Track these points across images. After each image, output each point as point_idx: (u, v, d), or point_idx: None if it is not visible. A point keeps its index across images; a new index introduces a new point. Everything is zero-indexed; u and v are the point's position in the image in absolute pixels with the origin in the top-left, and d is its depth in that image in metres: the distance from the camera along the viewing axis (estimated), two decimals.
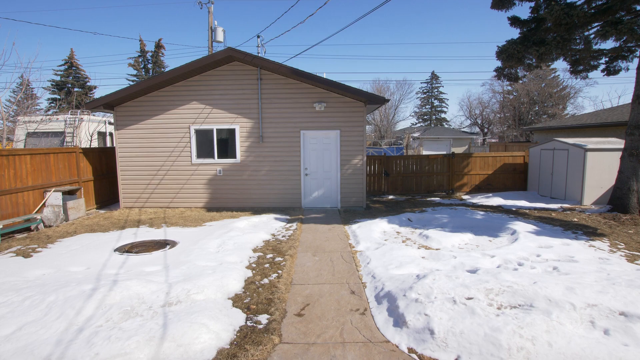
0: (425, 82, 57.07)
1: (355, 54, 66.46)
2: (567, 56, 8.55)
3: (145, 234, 7.50)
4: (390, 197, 12.66)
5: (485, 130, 49.38)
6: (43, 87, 40.79)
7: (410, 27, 75.52)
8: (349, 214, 9.41)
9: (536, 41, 8.56)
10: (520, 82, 37.91)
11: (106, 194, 11.42)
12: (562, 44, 7.79)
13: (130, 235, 7.34)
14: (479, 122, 50.47)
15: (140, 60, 40.47)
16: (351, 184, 10.15)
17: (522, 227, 7.15)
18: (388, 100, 9.73)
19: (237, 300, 4.10)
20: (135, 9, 67.02)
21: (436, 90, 57.50)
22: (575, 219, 8.53)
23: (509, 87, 43.74)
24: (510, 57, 8.50)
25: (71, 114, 12.31)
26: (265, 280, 4.75)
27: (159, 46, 40.58)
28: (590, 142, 11.04)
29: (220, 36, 18.19)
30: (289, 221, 8.57)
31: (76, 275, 4.74)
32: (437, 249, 6.09)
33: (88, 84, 39.09)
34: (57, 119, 12.33)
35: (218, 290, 4.15)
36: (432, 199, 12.13)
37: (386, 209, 10.22)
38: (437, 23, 72.29)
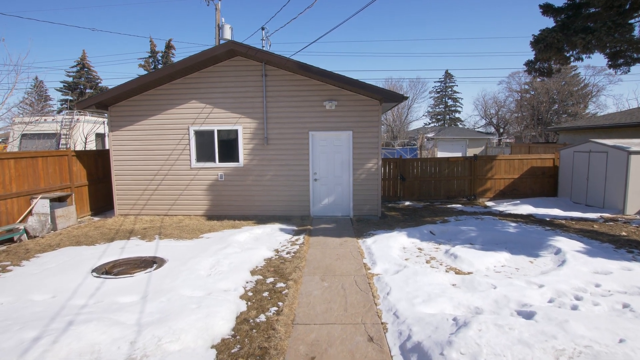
0: (438, 81, 55.64)
1: (367, 51, 65.27)
2: (617, 45, 7.44)
3: (135, 248, 6.69)
4: (407, 203, 11.65)
5: (501, 130, 47.70)
6: (55, 89, 40.98)
7: (424, 23, 73.94)
8: (363, 224, 8.45)
9: (578, 29, 7.48)
10: (542, 79, 36.26)
11: (102, 199, 10.70)
12: (613, 30, 6.69)
13: (117, 250, 6.53)
14: (495, 121, 48.81)
15: (150, 60, 40.16)
16: (365, 191, 9.19)
17: (566, 245, 6.09)
18: (406, 98, 8.76)
19: (222, 350, 3.21)
20: (145, 8, 67.23)
21: (450, 89, 55.98)
22: (624, 233, 7.41)
23: (526, 86, 42.12)
24: (548, 47, 7.43)
25: (67, 115, 11.66)
26: (262, 317, 3.85)
27: (169, 46, 40.22)
28: (632, 143, 9.85)
29: (227, 33, 17.43)
30: (295, 233, 7.67)
31: (35, 308, 3.92)
32: (469, 273, 5.11)
33: (100, 84, 39.06)
34: (53, 119, 11.69)
35: (199, 336, 3.26)
36: (453, 205, 11.08)
37: (403, 218, 9.23)
38: (452, 20, 70.55)
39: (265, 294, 4.50)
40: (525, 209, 10.07)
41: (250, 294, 4.51)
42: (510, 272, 5.16)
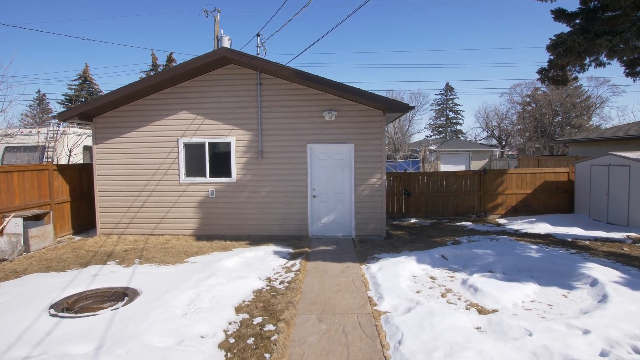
0: (439, 94, 55.40)
1: (367, 62, 65.28)
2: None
3: (109, 275, 5.91)
4: (413, 220, 10.86)
5: (503, 142, 47.11)
6: (57, 101, 40.80)
7: (424, 35, 74.22)
8: (366, 245, 7.67)
9: (600, 32, 6.83)
10: (545, 91, 35.73)
11: (86, 217, 9.93)
12: None
13: (87, 278, 5.75)
14: (496, 134, 48.27)
15: (151, 73, 39.98)
16: (368, 208, 8.42)
17: (601, 274, 5.29)
18: (412, 108, 8.09)
19: None
20: (146, 21, 67.86)
21: (451, 102, 55.69)
22: None
23: (528, 99, 41.65)
24: (568, 51, 6.77)
25: (54, 126, 11.02)
26: None
27: (170, 60, 40.06)
28: None
29: (226, 45, 16.97)
30: (291, 256, 6.88)
31: None
32: (494, 311, 4.31)
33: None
34: (38, 132, 11.04)
35: None
36: (463, 223, 10.28)
37: (410, 238, 8.45)
38: (453, 33, 70.84)
39: (250, 340, 3.71)
40: (543, 227, 9.27)
41: (231, 340, 3.71)
42: (543, 310, 4.35)
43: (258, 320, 4.18)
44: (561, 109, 37.96)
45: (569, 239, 8.18)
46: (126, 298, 4.88)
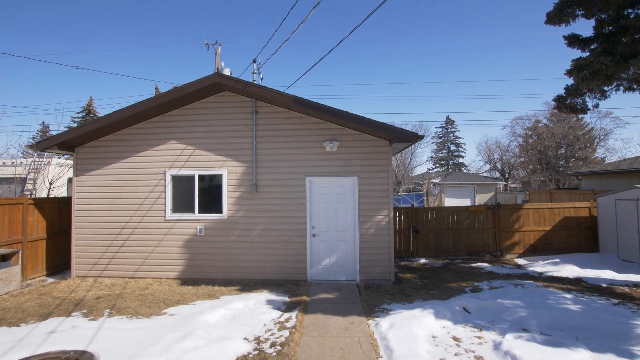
0: (440, 127, 55.59)
1: (369, 94, 66.13)
2: None
3: (68, 332, 4.94)
4: (423, 260, 9.88)
5: (507, 175, 46.49)
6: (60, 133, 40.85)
7: (426, 67, 75.81)
8: (373, 292, 6.69)
9: (626, 54, 6.26)
10: (543, 123, 35.50)
11: (63, 256, 8.99)
12: None
13: (41, 337, 4.78)
14: (499, 166, 47.76)
15: None
16: (374, 249, 7.51)
17: None
18: (421, 137, 7.41)
19: None
20: (150, 54, 69.85)
21: (452, 134, 55.74)
22: None
23: (529, 131, 41.48)
24: (595, 74, 6.16)
25: (38, 157, 10.36)
26: None
27: None
28: None
29: None
30: (286, 308, 5.91)
31: None
32: None
33: None
34: (21, 162, 10.37)
35: None
36: (479, 265, 9.30)
37: (422, 283, 7.47)
38: (452, 65, 72.44)
39: None
40: (569, 270, 8.28)
41: None
42: None
43: None
44: (564, 141, 37.64)
45: (604, 285, 7.19)
46: None
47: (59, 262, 8.92)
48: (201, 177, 7.95)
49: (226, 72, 14.79)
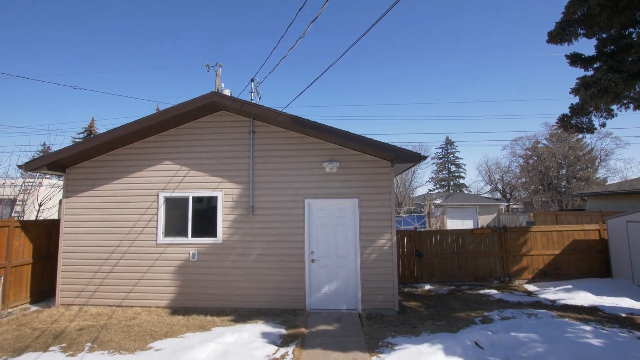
0: (440, 147, 55.67)
1: (364, 114, 66.59)
2: None
3: None
4: (427, 287, 9.40)
5: (508, 196, 46.13)
6: None
7: (426, 88, 76.70)
8: (376, 324, 6.23)
9: (633, 72, 6.07)
10: (543, 144, 35.46)
11: (50, 281, 8.52)
12: None
13: None
14: (500, 187, 47.47)
15: None
16: (376, 275, 7.09)
17: None
18: (425, 158, 7.14)
19: None
20: (152, 75, 70.93)
21: (452, 155, 55.77)
22: None
23: (529, 152, 41.45)
24: (604, 91, 5.95)
25: (29, 178, 10.07)
26: None
27: None
28: None
29: None
30: (283, 342, 5.45)
31: None
32: None
33: None
34: (12, 183, 10.07)
35: None
36: (487, 291, 8.82)
37: (428, 312, 7.00)
38: (451, 86, 73.36)
39: None
40: (584, 297, 7.82)
41: None
42: None
43: None
44: (565, 161, 37.52)
45: (623, 314, 6.73)
46: None
47: (44, 288, 8.46)
48: (196, 199, 7.63)
49: (226, 92, 14.74)
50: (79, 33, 70.01)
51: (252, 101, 9.65)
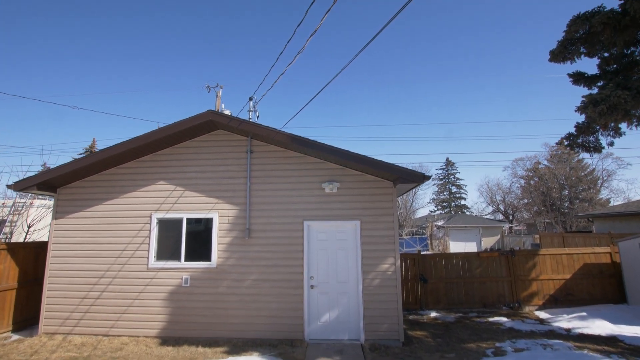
0: (440, 168, 55.54)
1: (364, 135, 66.86)
2: None
3: None
4: (433, 314, 8.92)
5: (510, 217, 45.57)
6: None
7: (421, 108, 77.40)
8: (380, 356, 5.77)
9: None
10: (544, 164, 35.34)
11: (35, 308, 8.05)
12: None
13: None
14: (502, 208, 46.97)
15: None
16: (380, 302, 6.67)
17: None
18: (429, 178, 6.86)
19: None
20: (153, 96, 71.86)
21: (452, 176, 55.54)
22: None
23: (530, 172, 41.26)
24: (613, 108, 5.75)
25: (20, 198, 9.78)
26: None
27: None
28: None
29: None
30: None
31: None
32: None
33: None
34: (2, 203, 9.78)
35: None
36: (496, 319, 8.34)
37: (436, 343, 6.54)
38: (450, 106, 74.09)
39: None
40: (600, 326, 7.35)
41: None
42: None
43: None
44: (567, 182, 37.24)
45: None
46: None
47: (29, 314, 8.00)
48: (190, 221, 7.31)
49: (226, 113, 14.68)
50: (78, 54, 71.49)
51: (250, 119, 9.48)
